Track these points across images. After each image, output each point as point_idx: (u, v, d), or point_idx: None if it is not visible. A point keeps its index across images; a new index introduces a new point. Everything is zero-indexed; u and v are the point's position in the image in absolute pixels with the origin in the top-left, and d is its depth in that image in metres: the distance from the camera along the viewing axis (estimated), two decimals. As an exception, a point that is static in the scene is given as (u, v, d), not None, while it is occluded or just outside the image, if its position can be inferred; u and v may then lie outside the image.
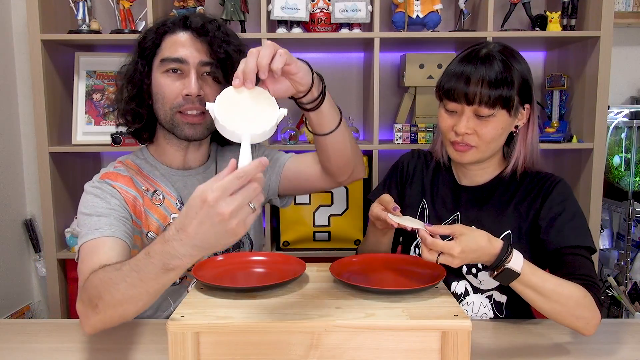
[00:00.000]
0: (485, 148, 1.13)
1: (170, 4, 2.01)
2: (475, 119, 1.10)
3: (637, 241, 2.21)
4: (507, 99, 1.09)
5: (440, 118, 1.16)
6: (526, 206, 1.16)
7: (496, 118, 1.10)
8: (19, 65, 2.22)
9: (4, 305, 2.11)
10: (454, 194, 1.23)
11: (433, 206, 1.24)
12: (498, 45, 1.15)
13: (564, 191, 1.15)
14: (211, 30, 1.11)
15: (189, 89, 1.08)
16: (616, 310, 2.18)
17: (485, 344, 1.01)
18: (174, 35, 1.11)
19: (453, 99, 1.11)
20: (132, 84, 1.13)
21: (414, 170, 1.30)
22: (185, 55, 1.09)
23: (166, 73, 1.10)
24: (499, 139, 1.14)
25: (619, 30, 2.15)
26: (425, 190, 1.26)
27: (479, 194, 1.21)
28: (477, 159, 1.15)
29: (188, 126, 1.11)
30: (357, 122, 2.25)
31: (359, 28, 1.98)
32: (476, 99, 1.08)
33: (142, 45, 1.13)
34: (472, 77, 1.09)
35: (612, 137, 2.18)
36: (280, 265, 1.03)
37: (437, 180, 1.27)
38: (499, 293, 1.17)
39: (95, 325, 0.91)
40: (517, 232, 1.15)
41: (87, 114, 2.05)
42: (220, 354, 0.80)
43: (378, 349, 0.79)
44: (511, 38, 1.93)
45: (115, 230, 1.02)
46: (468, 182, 1.23)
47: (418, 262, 1.01)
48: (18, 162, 2.24)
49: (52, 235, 1.97)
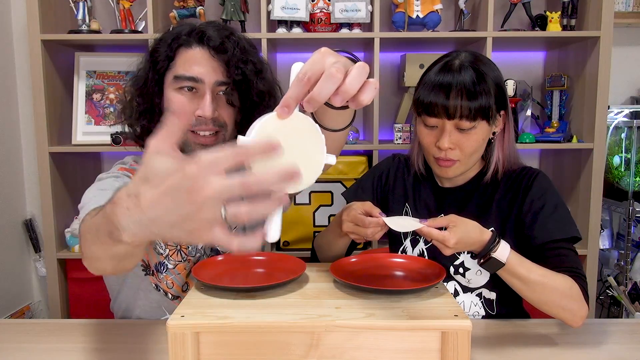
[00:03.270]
0: (467, 160, 1.14)
1: (170, 4, 2.01)
2: (457, 133, 1.11)
3: (637, 241, 2.21)
4: (486, 109, 1.09)
5: (420, 134, 1.16)
6: (507, 202, 1.18)
7: (477, 130, 1.10)
8: (19, 65, 2.22)
9: (4, 305, 2.11)
10: (436, 197, 1.25)
11: (416, 210, 1.26)
12: (469, 55, 1.14)
13: (544, 184, 1.16)
14: (229, 49, 1.04)
15: (202, 111, 1.03)
16: (616, 310, 2.18)
17: (481, 344, 1.01)
18: (189, 50, 1.05)
19: (433, 114, 1.10)
20: (143, 98, 1.08)
21: (394, 176, 1.31)
22: (200, 74, 1.03)
23: (179, 90, 1.05)
24: (480, 149, 1.15)
25: (619, 30, 2.15)
26: (408, 195, 1.28)
27: (460, 195, 1.22)
28: (461, 171, 1.17)
29: (200, 147, 1.05)
30: (357, 122, 2.24)
31: (359, 28, 1.98)
32: (457, 113, 1.08)
33: (154, 58, 1.06)
34: (450, 91, 1.08)
35: (612, 137, 2.18)
36: (280, 265, 1.03)
37: (419, 184, 1.28)
38: (488, 290, 1.17)
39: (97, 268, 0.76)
40: (501, 229, 1.16)
41: (87, 114, 2.05)
42: (220, 354, 0.80)
43: (378, 349, 0.79)
44: (511, 38, 1.93)
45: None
46: (450, 184, 1.24)
47: (418, 262, 1.01)
48: (18, 162, 2.24)
49: (52, 235, 1.97)
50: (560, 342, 1.03)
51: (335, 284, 0.94)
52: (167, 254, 1.12)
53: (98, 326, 1.08)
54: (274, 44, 2.01)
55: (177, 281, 1.15)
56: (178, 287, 1.15)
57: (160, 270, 1.13)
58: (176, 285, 1.15)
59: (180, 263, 1.13)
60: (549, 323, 1.10)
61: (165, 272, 1.13)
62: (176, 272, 1.13)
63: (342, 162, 1.98)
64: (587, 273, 1.95)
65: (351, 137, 2.03)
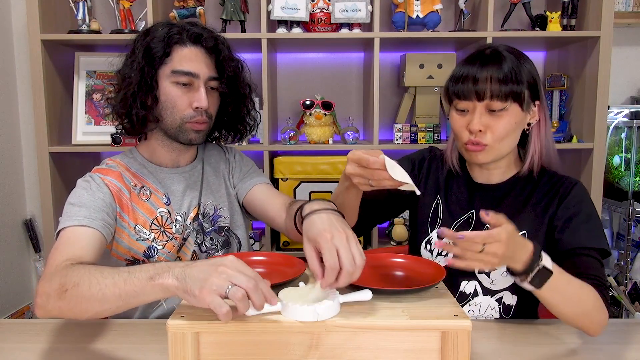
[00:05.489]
0: (498, 146, 1.12)
1: (170, 4, 2.01)
2: (487, 116, 1.10)
3: (637, 241, 2.21)
4: (517, 92, 1.08)
5: (452, 120, 1.16)
6: (542, 207, 1.15)
7: (509, 112, 1.09)
8: (19, 65, 2.22)
9: (4, 305, 2.11)
10: (469, 193, 1.22)
11: (447, 204, 1.23)
12: (504, 46, 1.15)
13: (581, 193, 1.15)
14: (222, 50, 1.20)
15: (199, 103, 1.16)
16: (616, 310, 2.18)
17: (488, 344, 1.01)
18: (185, 48, 1.17)
19: (463, 97, 1.10)
20: (141, 90, 1.15)
21: (428, 167, 1.29)
22: (197, 70, 1.16)
23: (176, 84, 1.16)
24: (512, 134, 1.12)
25: (619, 30, 2.15)
26: (440, 188, 1.25)
27: (494, 193, 1.20)
28: (492, 158, 1.14)
29: (194, 132, 1.19)
30: (357, 122, 2.25)
31: (359, 28, 1.98)
32: (487, 94, 1.08)
33: (150, 53, 1.15)
34: (481, 74, 1.08)
35: (612, 137, 2.18)
36: (280, 265, 1.03)
37: (452, 179, 1.26)
38: (510, 294, 1.16)
39: (51, 310, 0.91)
40: (533, 233, 1.14)
41: (87, 114, 2.05)
42: (220, 354, 0.80)
43: (378, 349, 0.79)
44: (511, 38, 1.93)
45: (93, 221, 1.06)
46: (484, 181, 1.22)
47: (418, 262, 1.01)
48: (18, 162, 2.24)
49: (52, 235, 1.96)
50: (560, 342, 1.03)
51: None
52: (154, 237, 1.18)
53: (98, 326, 1.09)
54: (274, 44, 2.01)
55: (170, 259, 1.20)
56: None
57: (151, 255, 1.18)
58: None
59: (169, 242, 1.20)
60: (549, 323, 1.11)
61: (157, 254, 1.18)
62: (166, 250, 1.19)
63: (342, 162, 1.98)
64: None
65: (351, 137, 2.03)
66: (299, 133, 2.06)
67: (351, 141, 2.02)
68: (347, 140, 2.03)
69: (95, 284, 0.86)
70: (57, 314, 0.92)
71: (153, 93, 1.16)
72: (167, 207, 1.21)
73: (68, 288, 0.87)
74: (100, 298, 0.85)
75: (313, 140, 2.01)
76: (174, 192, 1.24)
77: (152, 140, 1.24)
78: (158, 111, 1.17)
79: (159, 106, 1.17)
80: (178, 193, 1.24)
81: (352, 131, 2.04)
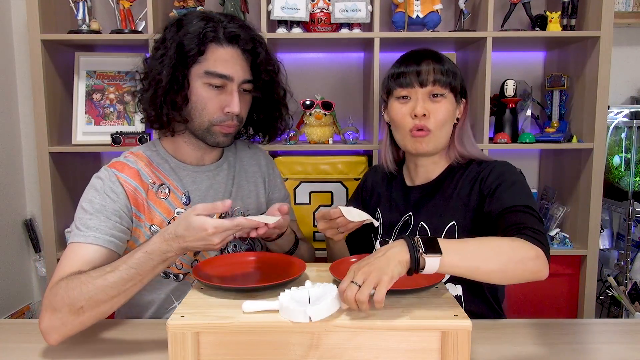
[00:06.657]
0: (439, 133, 1.18)
1: (170, 4, 2.01)
2: (429, 102, 1.17)
3: (637, 241, 2.21)
4: (454, 86, 1.19)
5: (393, 111, 1.21)
6: (468, 192, 1.18)
7: (447, 100, 1.18)
8: (19, 65, 2.22)
9: (4, 305, 2.11)
10: (405, 196, 1.28)
11: (387, 212, 1.29)
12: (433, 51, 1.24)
13: (502, 167, 1.18)
14: (260, 53, 1.15)
15: (231, 108, 1.12)
16: (616, 310, 2.18)
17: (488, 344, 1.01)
18: (221, 48, 1.10)
19: (406, 84, 1.17)
20: (172, 89, 1.09)
21: (372, 185, 1.38)
22: (231, 73, 1.11)
23: (208, 85, 1.11)
24: (448, 123, 1.20)
25: (619, 30, 2.15)
26: (381, 199, 1.32)
27: (427, 190, 1.25)
28: (434, 146, 1.19)
29: (222, 136, 1.15)
30: (357, 122, 2.25)
31: (359, 28, 1.98)
32: (429, 79, 1.15)
33: (183, 49, 1.09)
34: (423, 65, 1.17)
35: (612, 137, 2.18)
36: (280, 265, 1.03)
37: (390, 187, 1.32)
38: (453, 285, 1.17)
39: (69, 331, 0.97)
40: (462, 222, 1.16)
41: (87, 114, 2.05)
42: (220, 354, 0.80)
43: (378, 349, 0.79)
44: (511, 38, 1.93)
45: (99, 239, 1.05)
46: (420, 181, 1.27)
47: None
48: (18, 162, 2.24)
49: (52, 235, 1.97)
50: (560, 342, 1.03)
51: (335, 284, 0.94)
52: None
53: (98, 326, 1.08)
54: (274, 44, 2.01)
55: (185, 260, 1.18)
56: (187, 265, 1.19)
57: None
58: (185, 264, 1.19)
59: None
60: (549, 323, 1.11)
61: None
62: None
63: (342, 162, 1.98)
64: (587, 273, 1.97)
65: (351, 137, 2.03)
66: (299, 133, 2.06)
67: (351, 141, 2.02)
68: (347, 140, 2.03)
69: (110, 288, 0.95)
70: (80, 328, 0.98)
71: (184, 92, 1.10)
72: (186, 207, 1.17)
73: (82, 304, 0.94)
74: (121, 292, 0.96)
75: (313, 140, 2.01)
76: (194, 191, 1.19)
77: (177, 136, 1.19)
78: (187, 111, 1.12)
79: (188, 106, 1.12)
80: (199, 192, 1.20)
81: (352, 131, 2.04)
